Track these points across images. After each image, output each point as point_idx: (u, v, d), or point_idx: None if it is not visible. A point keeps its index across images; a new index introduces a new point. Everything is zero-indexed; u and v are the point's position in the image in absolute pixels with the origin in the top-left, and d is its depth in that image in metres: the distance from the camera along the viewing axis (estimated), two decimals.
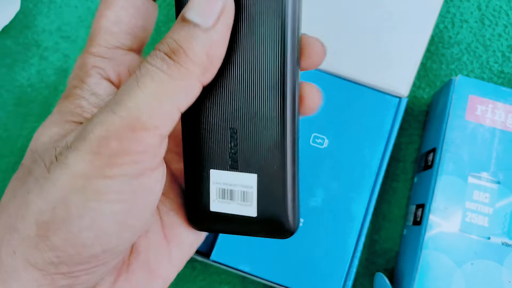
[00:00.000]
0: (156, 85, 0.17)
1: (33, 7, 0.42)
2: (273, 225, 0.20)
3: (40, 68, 0.41)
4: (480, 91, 0.33)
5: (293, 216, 0.20)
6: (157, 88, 0.17)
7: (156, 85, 0.17)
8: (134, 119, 0.17)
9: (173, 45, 0.17)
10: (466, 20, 0.40)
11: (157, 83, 0.17)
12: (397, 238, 0.37)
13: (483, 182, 0.32)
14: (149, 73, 0.17)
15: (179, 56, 0.17)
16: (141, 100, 0.17)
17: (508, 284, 0.31)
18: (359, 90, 0.34)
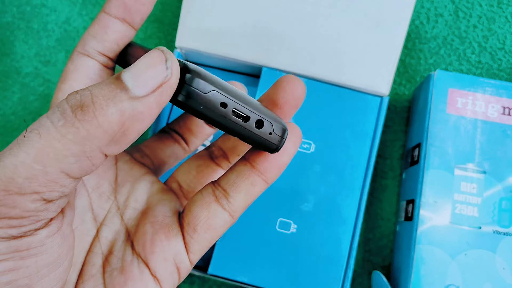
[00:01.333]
0: (42, 145, 0.14)
1: (10, 34, 0.42)
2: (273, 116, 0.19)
3: (21, 95, 0.41)
4: (459, 83, 0.34)
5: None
6: (42, 148, 0.14)
7: (42, 145, 0.14)
8: (8, 180, 0.14)
9: (86, 99, 0.15)
10: (441, 14, 0.40)
11: (44, 141, 0.14)
12: (390, 235, 0.37)
13: (470, 173, 0.33)
14: (40, 128, 0.14)
15: (85, 114, 0.14)
16: (19, 160, 0.14)
17: (502, 271, 0.31)
18: (341, 93, 0.34)
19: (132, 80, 0.15)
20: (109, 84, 0.15)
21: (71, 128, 0.14)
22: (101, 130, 0.15)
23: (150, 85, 0.15)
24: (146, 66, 0.15)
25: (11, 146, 0.15)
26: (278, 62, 0.35)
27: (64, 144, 0.14)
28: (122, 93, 0.15)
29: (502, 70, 0.39)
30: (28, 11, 0.42)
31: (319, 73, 0.34)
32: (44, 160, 0.14)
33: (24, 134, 0.15)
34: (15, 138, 0.41)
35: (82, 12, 0.42)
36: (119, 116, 0.15)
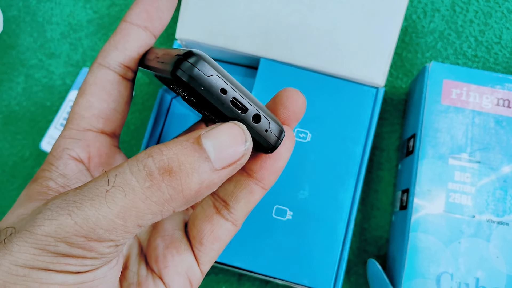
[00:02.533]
0: (127, 204, 0.15)
1: (16, 27, 0.43)
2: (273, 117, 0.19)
3: (26, 86, 0.41)
4: (453, 75, 0.34)
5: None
6: (126, 207, 0.15)
7: (127, 204, 0.15)
8: (89, 230, 0.15)
9: (174, 164, 0.15)
10: (438, 9, 0.41)
11: (129, 201, 0.15)
12: (386, 225, 0.37)
13: (464, 162, 0.33)
14: (125, 185, 0.15)
15: (172, 179, 0.15)
16: (103, 214, 0.15)
17: (496, 259, 0.31)
18: (337, 83, 0.35)
19: (214, 152, 0.16)
20: (193, 151, 0.16)
21: (157, 192, 0.15)
22: (181, 195, 0.16)
23: (229, 161, 0.16)
24: (228, 143, 0.16)
25: (91, 196, 0.15)
26: (275, 53, 0.35)
27: (147, 205, 0.15)
28: (205, 164, 0.16)
29: (498, 64, 0.39)
30: (33, 5, 0.43)
31: (316, 64, 0.35)
32: (126, 217, 0.15)
33: (107, 188, 0.15)
34: (19, 128, 0.41)
35: (86, 6, 0.43)
36: (198, 186, 0.16)
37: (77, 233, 0.15)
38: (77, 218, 0.15)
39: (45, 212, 0.16)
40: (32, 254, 0.15)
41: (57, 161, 0.20)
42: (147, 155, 0.16)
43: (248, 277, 0.37)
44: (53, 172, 0.20)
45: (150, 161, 0.15)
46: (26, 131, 0.41)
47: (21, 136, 0.41)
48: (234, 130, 0.16)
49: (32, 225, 0.15)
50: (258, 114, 0.18)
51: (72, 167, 0.20)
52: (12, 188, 0.40)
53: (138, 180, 0.15)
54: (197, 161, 0.15)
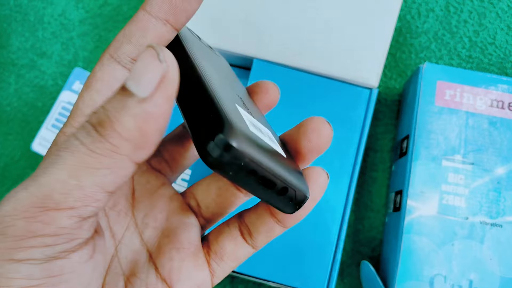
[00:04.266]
0: (75, 161, 0.15)
1: (7, 26, 0.42)
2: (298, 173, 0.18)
3: (17, 87, 0.41)
4: (447, 76, 0.34)
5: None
6: (76, 165, 0.15)
7: (75, 161, 0.15)
8: (44, 197, 0.15)
9: (102, 115, 0.15)
10: (432, 9, 0.41)
11: (77, 158, 0.15)
12: (380, 227, 0.37)
13: (457, 164, 0.33)
14: (71, 147, 0.15)
15: (106, 129, 0.15)
16: (54, 176, 0.15)
17: (489, 261, 0.31)
18: (331, 84, 0.35)
19: (135, 84, 0.15)
20: (117, 96, 0.15)
21: (98, 143, 0.15)
22: (122, 139, 0.15)
23: (152, 83, 0.15)
24: (143, 66, 0.15)
25: (43, 165, 0.15)
26: (268, 53, 0.35)
27: (95, 158, 0.15)
28: (130, 100, 0.15)
29: (493, 65, 0.39)
30: (25, 4, 0.43)
31: (309, 64, 0.35)
32: (78, 175, 0.15)
33: (56, 154, 0.15)
34: (10, 129, 0.41)
35: (78, 5, 0.42)
36: (133, 122, 0.15)
37: (32, 203, 0.15)
38: (32, 188, 0.15)
39: (8, 195, 0.15)
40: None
41: None
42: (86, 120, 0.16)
43: (241, 280, 0.37)
44: None
45: (86, 123, 0.16)
46: (17, 131, 0.40)
47: (12, 137, 0.40)
48: (144, 53, 0.16)
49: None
50: (286, 187, 0.17)
51: None
52: (3, 190, 0.39)
53: (80, 140, 0.15)
54: (121, 102, 0.15)
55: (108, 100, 0.15)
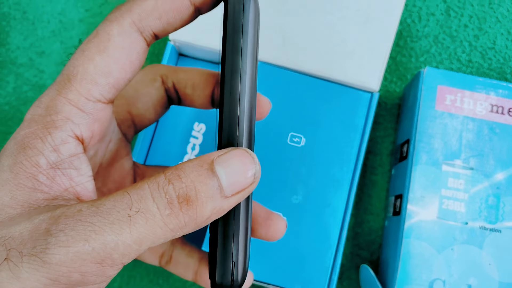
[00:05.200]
0: (147, 230, 0.15)
1: (6, 24, 0.42)
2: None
3: (16, 85, 0.41)
4: (448, 81, 0.34)
5: None
6: (146, 233, 0.15)
7: (147, 230, 0.15)
8: (106, 256, 0.15)
9: (192, 193, 0.16)
10: (433, 13, 0.41)
11: (150, 227, 0.15)
12: (379, 230, 0.37)
13: (457, 169, 0.33)
14: (147, 212, 0.15)
15: (189, 208, 0.16)
16: (122, 239, 0.15)
17: (488, 266, 0.32)
18: (332, 88, 0.35)
19: (226, 180, 0.16)
20: (208, 179, 0.16)
21: (175, 219, 0.16)
22: (194, 223, 0.16)
23: (238, 188, 0.17)
24: (239, 170, 0.17)
25: (111, 219, 0.15)
26: (269, 56, 0.35)
27: (164, 231, 0.16)
28: (217, 192, 0.16)
29: (492, 70, 0.39)
30: (24, 2, 0.42)
31: (311, 68, 0.35)
32: (142, 242, 0.15)
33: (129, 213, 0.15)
34: (9, 128, 0.41)
35: (77, 4, 0.42)
36: (211, 212, 0.16)
37: (93, 260, 0.15)
38: (95, 244, 0.15)
39: (58, 237, 0.15)
40: (43, 285, 0.15)
41: (56, 132, 0.17)
42: (167, 181, 0.16)
43: None
44: (46, 144, 0.17)
45: (171, 188, 0.16)
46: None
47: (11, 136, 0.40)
48: (245, 158, 0.17)
49: (45, 251, 0.15)
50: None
51: (69, 147, 0.17)
52: None
53: (160, 208, 0.15)
54: (211, 190, 0.16)
55: (196, 174, 0.16)
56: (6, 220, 0.16)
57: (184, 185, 0.16)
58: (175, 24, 0.19)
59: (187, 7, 0.19)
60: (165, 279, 0.37)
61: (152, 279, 0.37)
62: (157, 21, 0.18)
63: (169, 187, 0.16)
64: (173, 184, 0.16)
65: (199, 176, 0.16)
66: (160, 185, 0.16)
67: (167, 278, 0.37)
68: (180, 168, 0.16)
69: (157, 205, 0.15)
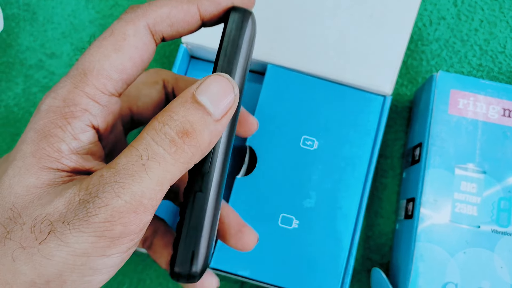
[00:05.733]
0: (162, 170, 0.17)
1: (15, 25, 0.42)
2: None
3: (25, 87, 0.41)
4: (461, 85, 0.35)
5: None
6: (163, 173, 0.17)
7: (162, 170, 0.17)
8: (138, 204, 0.17)
9: (187, 126, 0.17)
10: (443, 17, 0.41)
11: (163, 168, 0.17)
12: (390, 233, 0.37)
13: (470, 173, 0.33)
14: (157, 156, 0.17)
15: (191, 139, 0.17)
16: (145, 185, 0.17)
17: (500, 270, 0.32)
18: (345, 91, 0.35)
19: (212, 106, 0.18)
20: (195, 110, 0.18)
21: (182, 153, 0.17)
22: (200, 150, 0.18)
23: (225, 109, 0.19)
24: (220, 93, 0.18)
25: (130, 172, 0.17)
26: (283, 59, 0.35)
27: (177, 167, 0.18)
28: (208, 118, 0.18)
29: (503, 73, 0.40)
30: (33, 3, 0.42)
31: (324, 71, 0.35)
32: (163, 182, 0.17)
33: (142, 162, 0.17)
34: (17, 129, 0.41)
35: (88, 5, 0.42)
36: (210, 137, 0.18)
37: (129, 210, 0.17)
38: (126, 197, 0.17)
39: (95, 202, 0.16)
40: (90, 243, 0.16)
41: (75, 121, 0.18)
42: (162, 123, 0.18)
43: (250, 285, 0.37)
44: (67, 133, 0.18)
45: (168, 128, 0.17)
46: None
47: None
48: (222, 81, 0.19)
49: (87, 214, 0.16)
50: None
51: (88, 136, 0.19)
52: None
53: (165, 148, 0.17)
54: (202, 117, 0.18)
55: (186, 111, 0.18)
56: (35, 200, 0.17)
57: (178, 122, 0.18)
58: (183, 33, 0.21)
59: (196, 21, 0.21)
60: (174, 282, 0.37)
61: (161, 282, 0.37)
62: (168, 28, 0.20)
63: (166, 128, 0.17)
64: (168, 124, 0.17)
65: (187, 110, 0.18)
66: (157, 129, 0.17)
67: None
68: (168, 110, 0.18)
69: (162, 147, 0.17)
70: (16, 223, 0.17)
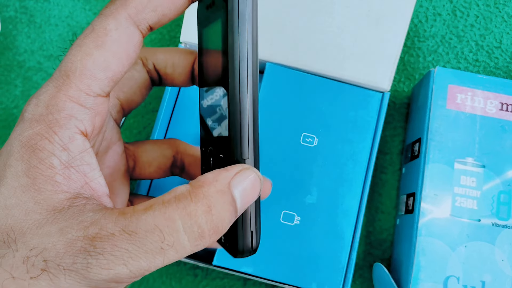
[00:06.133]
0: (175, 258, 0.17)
1: (13, 28, 0.42)
2: None
3: (24, 89, 0.41)
4: (458, 80, 0.35)
5: None
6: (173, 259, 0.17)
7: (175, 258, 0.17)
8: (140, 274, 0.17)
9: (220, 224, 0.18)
10: (439, 13, 0.41)
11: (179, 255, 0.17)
12: (390, 229, 0.38)
13: (469, 167, 0.33)
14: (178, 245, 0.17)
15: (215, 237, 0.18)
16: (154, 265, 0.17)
17: (501, 262, 0.32)
18: (344, 88, 0.35)
19: (240, 202, 0.18)
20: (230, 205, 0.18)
21: (202, 245, 0.18)
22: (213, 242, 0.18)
23: (247, 205, 0.19)
24: (251, 193, 0.19)
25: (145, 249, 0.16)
26: (281, 57, 0.35)
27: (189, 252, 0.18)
28: (234, 213, 0.18)
29: (499, 68, 0.40)
30: (30, 5, 0.42)
31: (322, 68, 0.35)
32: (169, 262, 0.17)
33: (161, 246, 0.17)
34: None
35: (85, 7, 0.42)
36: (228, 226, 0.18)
37: (129, 278, 0.17)
38: (132, 268, 0.16)
39: (99, 259, 0.16)
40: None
41: (61, 131, 0.17)
42: (198, 212, 0.17)
43: (254, 282, 0.37)
44: (55, 144, 0.17)
45: (203, 222, 0.17)
46: None
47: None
48: (256, 182, 0.19)
49: (86, 269, 0.16)
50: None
51: (78, 144, 0.18)
52: None
53: (190, 240, 0.17)
54: (232, 214, 0.18)
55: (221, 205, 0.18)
56: (34, 227, 0.16)
57: (214, 217, 0.17)
58: (170, 15, 0.19)
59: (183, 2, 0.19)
60: (177, 280, 0.37)
61: (164, 280, 0.37)
62: (152, 14, 0.19)
63: (200, 220, 0.17)
64: (205, 217, 0.17)
65: (224, 204, 0.18)
66: (192, 217, 0.17)
67: (180, 279, 0.37)
68: (206, 197, 0.18)
69: (188, 238, 0.17)
70: (9, 248, 0.16)
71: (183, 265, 0.37)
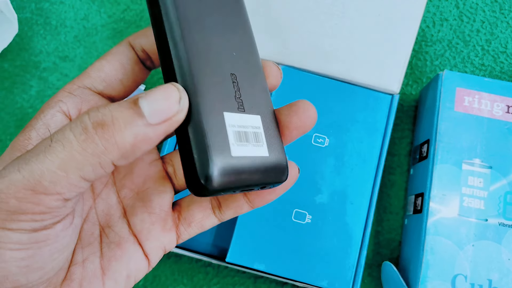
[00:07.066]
0: (65, 155, 0.16)
1: (29, 29, 0.43)
2: (278, 167, 0.21)
3: (39, 89, 0.41)
4: (466, 83, 0.36)
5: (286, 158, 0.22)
6: (66, 158, 0.16)
7: (65, 155, 0.16)
8: (35, 182, 0.16)
9: (107, 118, 0.17)
10: (446, 19, 0.42)
11: (67, 153, 0.16)
12: (398, 228, 0.38)
13: (476, 168, 0.34)
14: (64, 140, 0.17)
15: (105, 132, 0.16)
16: (46, 166, 0.16)
17: (507, 261, 0.33)
18: (354, 90, 0.36)
19: (148, 108, 0.17)
20: (128, 108, 0.17)
21: (91, 143, 0.16)
22: (116, 148, 0.17)
23: (163, 116, 0.17)
24: (163, 98, 0.17)
25: (37, 152, 0.17)
26: (292, 59, 0.36)
27: (84, 156, 0.17)
28: (138, 119, 0.17)
29: (504, 73, 0.41)
30: (46, 7, 0.43)
31: (333, 70, 0.36)
32: (67, 168, 0.16)
33: (50, 144, 0.17)
34: None
35: (100, 10, 0.43)
36: (132, 138, 0.17)
37: (25, 186, 0.16)
38: (25, 172, 0.16)
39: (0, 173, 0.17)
40: None
41: (47, 110, 0.21)
42: (85, 113, 0.17)
43: (264, 279, 0.37)
44: (39, 121, 0.20)
45: (86, 117, 0.17)
46: None
47: None
48: (169, 89, 0.18)
49: None
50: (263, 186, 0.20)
51: (57, 120, 0.21)
52: None
53: (75, 134, 0.16)
54: (130, 116, 0.17)
55: (116, 106, 0.17)
56: None
57: (100, 113, 0.17)
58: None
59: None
60: (189, 278, 0.38)
61: (176, 278, 0.38)
62: (145, 39, 0.22)
63: (84, 116, 0.17)
64: (89, 114, 0.17)
65: (119, 107, 0.17)
66: (78, 117, 0.17)
67: (191, 277, 0.38)
68: (103, 104, 0.18)
69: (73, 133, 0.17)
70: None
71: (194, 263, 0.38)
